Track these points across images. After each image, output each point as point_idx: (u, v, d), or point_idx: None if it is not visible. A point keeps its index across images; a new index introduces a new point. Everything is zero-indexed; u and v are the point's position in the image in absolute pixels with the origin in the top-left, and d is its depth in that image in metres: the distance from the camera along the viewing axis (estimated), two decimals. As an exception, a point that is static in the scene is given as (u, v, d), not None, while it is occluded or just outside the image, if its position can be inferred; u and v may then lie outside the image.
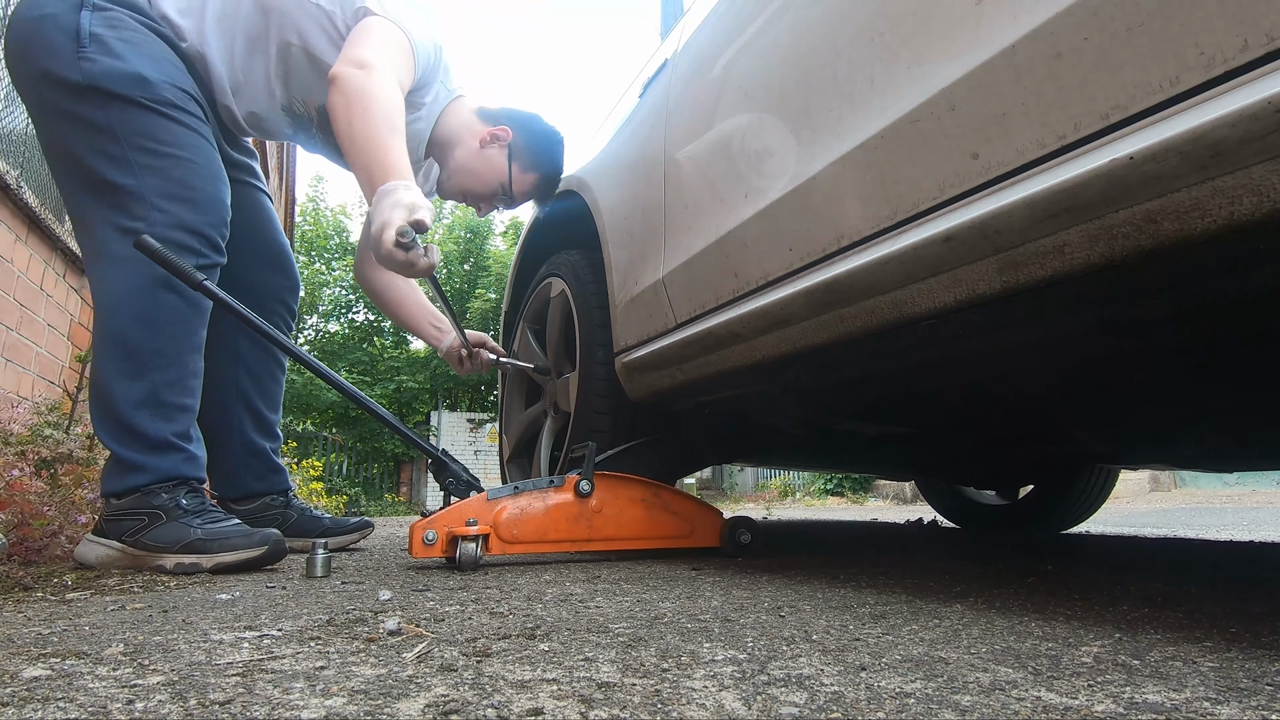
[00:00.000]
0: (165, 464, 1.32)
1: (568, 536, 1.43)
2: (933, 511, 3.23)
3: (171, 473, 1.32)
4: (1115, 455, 2.02)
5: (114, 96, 1.33)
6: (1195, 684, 0.56)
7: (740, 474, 13.44)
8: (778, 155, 1.16)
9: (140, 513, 1.29)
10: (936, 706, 0.51)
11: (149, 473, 1.30)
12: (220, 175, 1.44)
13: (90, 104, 1.33)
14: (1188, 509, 5.77)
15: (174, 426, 1.34)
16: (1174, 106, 0.63)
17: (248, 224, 1.64)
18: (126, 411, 1.30)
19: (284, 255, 1.75)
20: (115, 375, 1.32)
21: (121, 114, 1.34)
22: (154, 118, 1.36)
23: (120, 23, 1.37)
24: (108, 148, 1.33)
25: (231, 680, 0.57)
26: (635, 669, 0.61)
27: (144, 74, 1.35)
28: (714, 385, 1.45)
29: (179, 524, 1.28)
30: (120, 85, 1.33)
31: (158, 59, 1.39)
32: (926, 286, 0.88)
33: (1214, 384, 1.15)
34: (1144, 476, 9.07)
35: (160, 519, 1.28)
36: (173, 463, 1.33)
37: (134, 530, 1.28)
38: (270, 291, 1.71)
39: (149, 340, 1.32)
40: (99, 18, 1.35)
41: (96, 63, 1.32)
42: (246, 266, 1.64)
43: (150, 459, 1.31)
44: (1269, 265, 0.66)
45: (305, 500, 1.83)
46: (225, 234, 1.43)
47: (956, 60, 0.83)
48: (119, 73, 1.33)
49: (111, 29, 1.36)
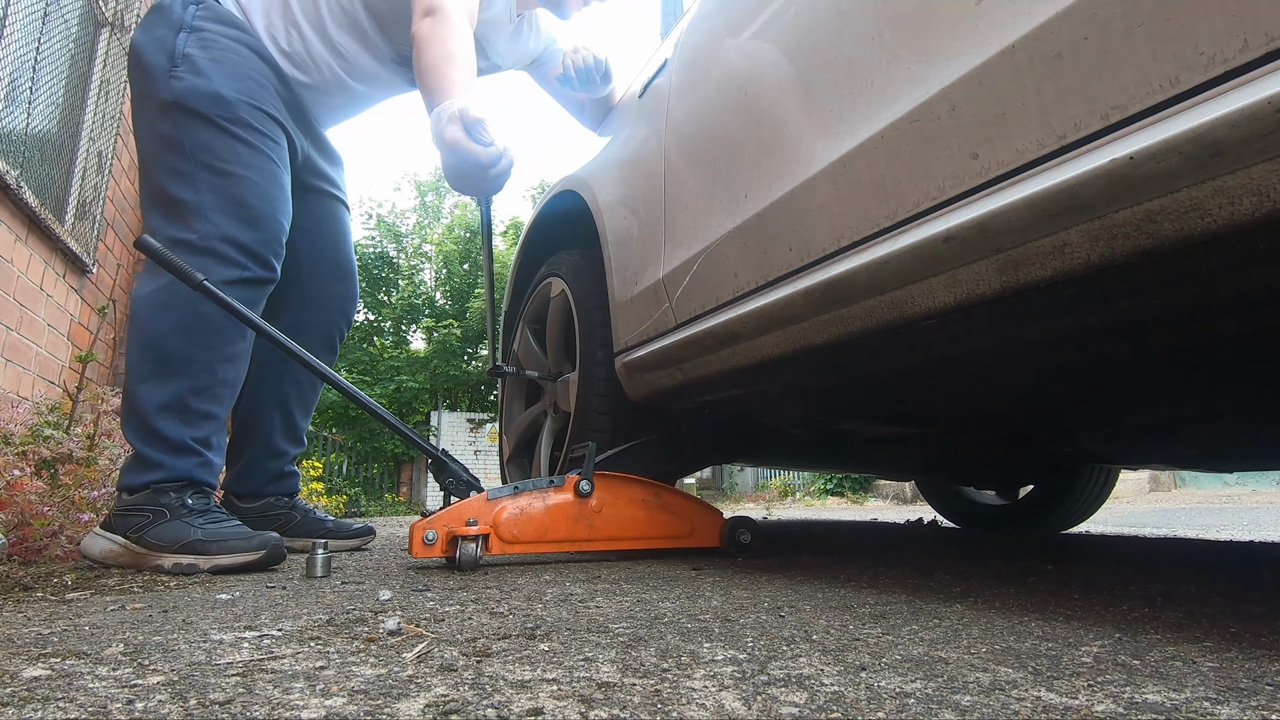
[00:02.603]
0: (181, 465, 1.35)
1: (568, 536, 1.43)
2: (933, 511, 3.23)
3: (185, 474, 1.35)
4: (1115, 455, 2.02)
5: (191, 113, 1.41)
6: (1195, 684, 0.56)
7: (740, 474, 13.43)
8: (777, 155, 1.16)
9: (146, 509, 1.30)
10: (936, 706, 0.51)
11: (164, 470, 1.34)
12: (279, 194, 1.50)
13: (168, 120, 1.42)
14: (1188, 509, 5.77)
15: (195, 432, 1.37)
16: (1174, 107, 0.63)
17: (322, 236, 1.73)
18: (151, 413, 1.34)
19: (349, 270, 1.82)
20: (146, 377, 1.36)
21: (193, 130, 1.42)
22: (222, 136, 1.43)
23: (213, 42, 1.47)
24: (176, 162, 1.41)
25: (231, 680, 0.57)
26: (635, 669, 0.61)
27: (222, 93, 1.43)
28: (714, 385, 1.45)
29: (181, 523, 1.29)
30: (199, 103, 1.42)
31: (242, 76, 1.48)
32: (926, 286, 0.88)
33: (1214, 384, 1.15)
34: (1144, 476, 9.06)
35: (164, 516, 1.30)
36: (188, 465, 1.35)
37: (138, 526, 1.29)
38: (333, 303, 1.78)
39: (184, 347, 1.37)
40: (194, 38, 1.45)
41: (183, 81, 1.42)
42: (313, 276, 1.72)
43: (167, 458, 1.34)
44: (1269, 265, 0.66)
45: (307, 501, 1.83)
46: (277, 250, 1.49)
47: (956, 60, 0.83)
48: (200, 91, 1.42)
49: (203, 49, 1.45)
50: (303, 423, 1.78)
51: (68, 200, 2.86)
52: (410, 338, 15.55)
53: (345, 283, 1.81)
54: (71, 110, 2.87)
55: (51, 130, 2.74)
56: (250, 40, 1.53)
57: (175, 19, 1.46)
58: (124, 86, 3.19)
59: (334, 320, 1.79)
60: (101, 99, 3.04)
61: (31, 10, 2.40)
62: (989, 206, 0.78)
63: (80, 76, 2.93)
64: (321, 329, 1.75)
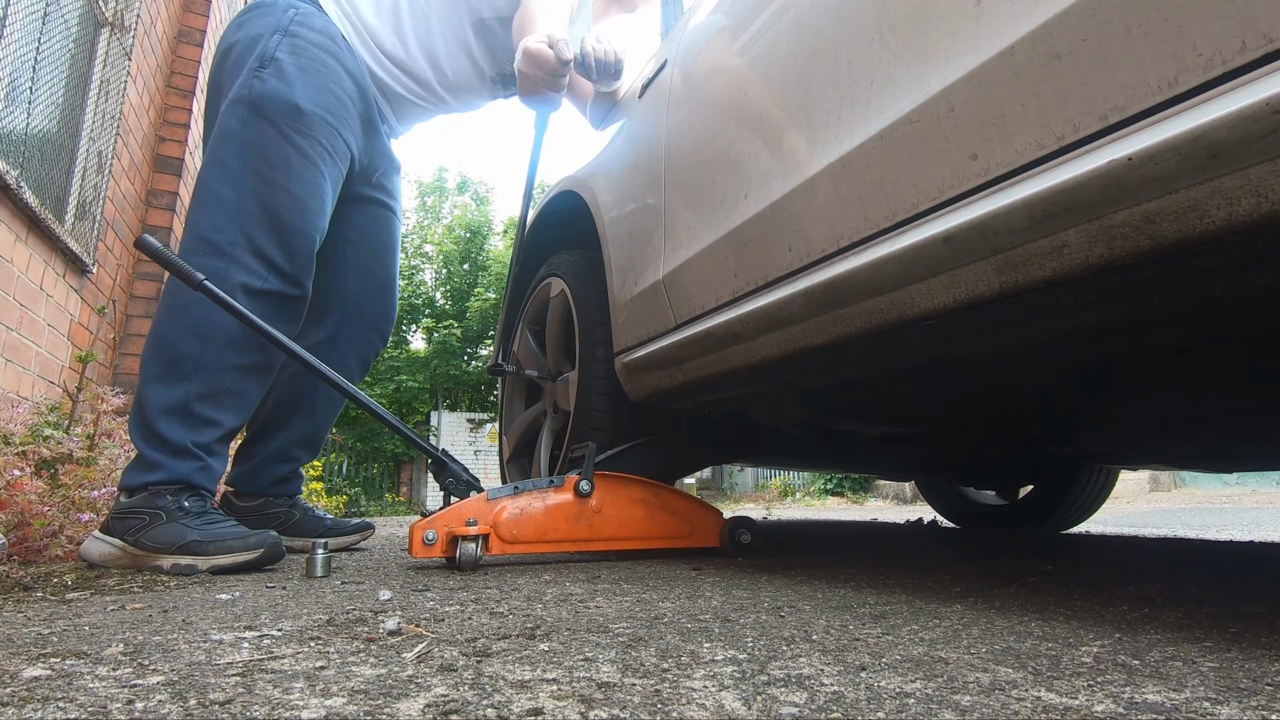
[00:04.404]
0: (179, 467, 1.34)
1: (568, 536, 1.43)
2: (933, 511, 3.23)
3: (182, 477, 1.35)
4: (1115, 455, 2.02)
5: (262, 116, 1.43)
6: (1195, 684, 0.56)
7: (740, 474, 13.43)
8: (777, 155, 1.16)
9: (143, 512, 1.30)
10: (936, 706, 0.51)
11: (162, 471, 1.33)
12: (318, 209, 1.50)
13: (236, 115, 1.43)
14: (1188, 509, 5.77)
15: (196, 436, 1.36)
16: (1172, 108, 0.63)
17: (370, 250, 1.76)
18: (154, 414, 1.34)
19: (391, 286, 1.84)
20: (155, 378, 1.37)
21: (256, 131, 1.43)
22: (281, 143, 1.44)
23: (304, 50, 1.48)
24: (226, 156, 1.43)
25: (231, 680, 0.57)
26: (635, 669, 0.61)
27: (299, 104, 1.45)
28: (714, 385, 1.45)
29: (177, 524, 1.29)
30: (273, 109, 1.44)
31: (323, 90, 1.49)
32: (926, 287, 0.88)
33: (1214, 384, 1.15)
34: (1144, 476, 9.06)
35: (160, 518, 1.30)
36: (186, 468, 1.35)
37: (135, 529, 1.29)
38: (371, 319, 1.80)
39: (195, 352, 1.37)
40: (288, 43, 1.48)
41: (266, 84, 1.45)
42: (358, 291, 1.74)
43: (166, 460, 1.34)
44: (1268, 266, 0.66)
45: (306, 500, 1.84)
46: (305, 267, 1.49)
47: (956, 61, 0.83)
48: (279, 97, 1.44)
49: (294, 55, 1.47)
50: (325, 434, 1.80)
51: (68, 200, 2.86)
52: (410, 338, 15.54)
53: (385, 300, 1.83)
54: (71, 110, 2.87)
55: (51, 130, 2.74)
56: (341, 55, 1.54)
57: (274, 21, 1.49)
58: (124, 86, 3.19)
59: (370, 337, 1.81)
60: (101, 99, 3.04)
61: (31, 10, 2.40)
62: (988, 207, 0.78)
63: (80, 76, 2.93)
64: (357, 344, 1.78)
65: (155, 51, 3.63)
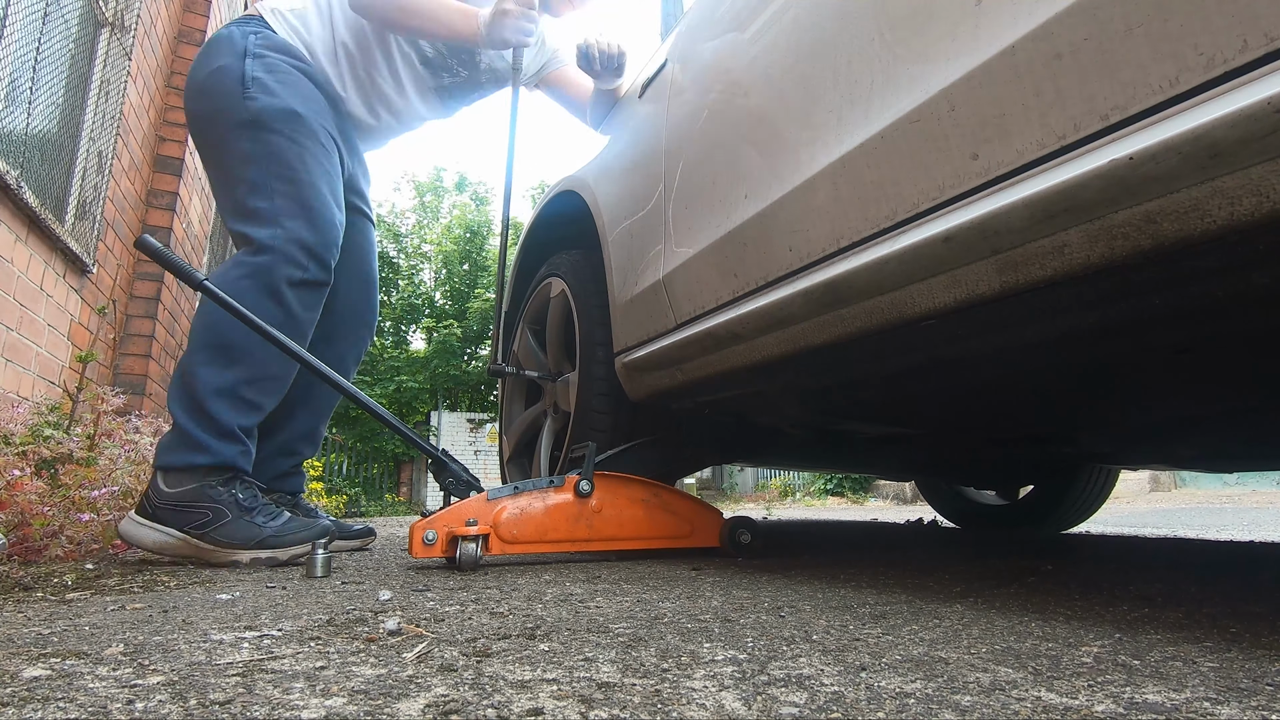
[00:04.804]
0: (226, 451, 1.42)
1: (568, 536, 1.43)
2: (933, 511, 3.23)
3: (229, 461, 1.42)
4: (1115, 455, 2.02)
5: (268, 129, 1.54)
6: (1195, 684, 0.56)
7: (740, 474, 13.43)
8: (777, 155, 1.16)
9: (203, 507, 1.38)
10: (936, 706, 0.51)
11: (209, 454, 1.40)
12: (339, 203, 1.63)
13: (247, 136, 1.54)
14: (1188, 509, 5.77)
15: (242, 420, 1.45)
16: (1173, 107, 0.63)
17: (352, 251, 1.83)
18: (207, 395, 1.42)
19: (373, 282, 1.95)
20: (205, 362, 1.45)
21: (269, 144, 1.54)
22: (294, 146, 1.56)
23: (276, 67, 1.60)
24: (254, 175, 1.53)
25: (231, 680, 0.57)
26: (635, 669, 0.61)
27: (296, 109, 1.57)
28: (714, 385, 1.45)
29: (247, 523, 1.39)
30: (275, 118, 1.55)
31: (308, 98, 1.62)
32: (926, 287, 0.88)
33: (1214, 384, 1.15)
34: (1144, 476, 9.06)
35: (226, 515, 1.38)
36: (232, 452, 1.43)
37: (200, 523, 1.36)
38: (359, 314, 1.90)
39: (244, 338, 1.45)
40: (259, 64, 1.58)
41: (258, 100, 1.55)
42: (346, 290, 1.83)
43: (215, 442, 1.41)
44: (1269, 265, 0.66)
45: (308, 500, 1.84)
46: (334, 253, 1.60)
47: (956, 60, 0.83)
48: (276, 108, 1.55)
49: (269, 73, 1.58)
50: (324, 429, 1.87)
51: (68, 200, 2.86)
52: (410, 338, 15.54)
53: (370, 294, 1.93)
54: (71, 110, 2.87)
55: (51, 130, 2.74)
56: (306, 68, 1.66)
57: (238, 47, 1.59)
58: (124, 86, 3.19)
59: (360, 332, 1.89)
60: (101, 99, 3.04)
61: (31, 10, 2.40)
62: (988, 207, 0.78)
63: (80, 76, 2.93)
64: (350, 340, 1.86)
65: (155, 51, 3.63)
